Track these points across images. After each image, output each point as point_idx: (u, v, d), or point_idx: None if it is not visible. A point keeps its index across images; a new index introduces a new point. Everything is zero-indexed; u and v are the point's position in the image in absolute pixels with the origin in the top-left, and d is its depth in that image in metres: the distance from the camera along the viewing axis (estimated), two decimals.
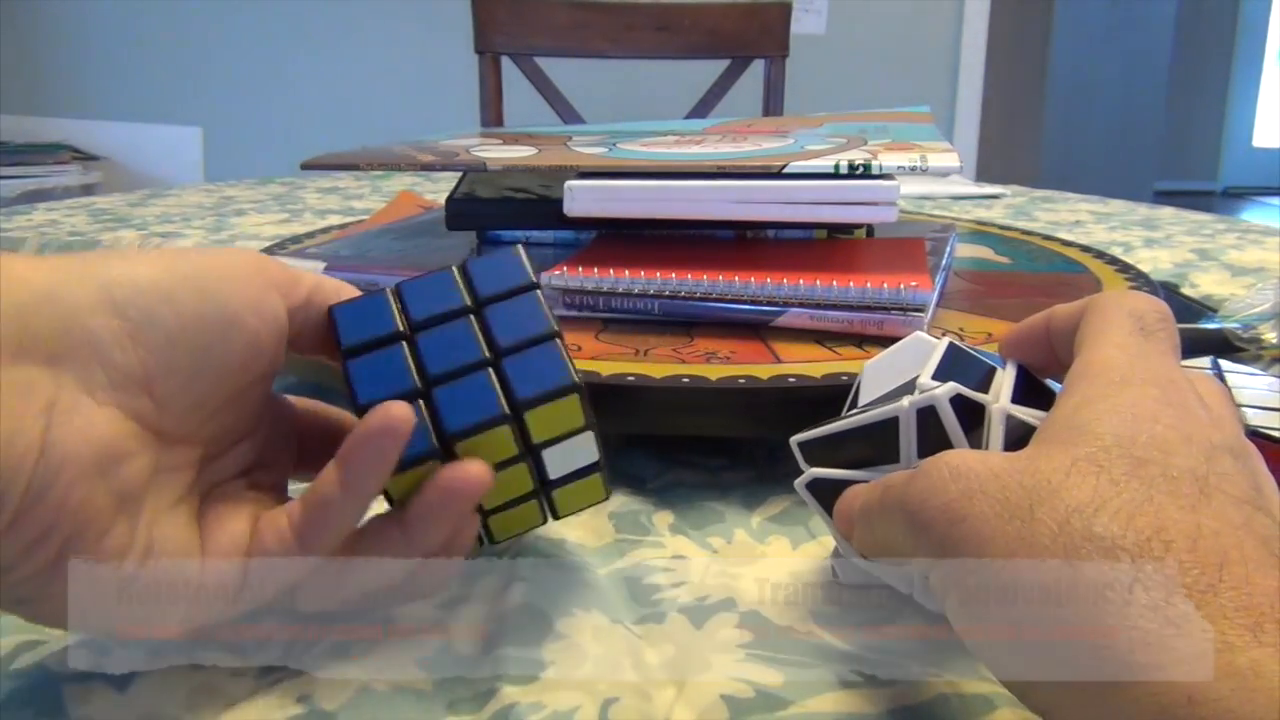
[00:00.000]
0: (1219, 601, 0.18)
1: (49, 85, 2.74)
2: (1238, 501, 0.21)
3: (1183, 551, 0.19)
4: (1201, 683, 0.17)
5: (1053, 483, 0.21)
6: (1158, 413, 0.23)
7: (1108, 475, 0.21)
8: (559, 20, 1.56)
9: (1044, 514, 0.21)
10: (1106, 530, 0.20)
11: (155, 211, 0.94)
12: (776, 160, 0.49)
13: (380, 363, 0.28)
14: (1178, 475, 0.21)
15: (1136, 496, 0.20)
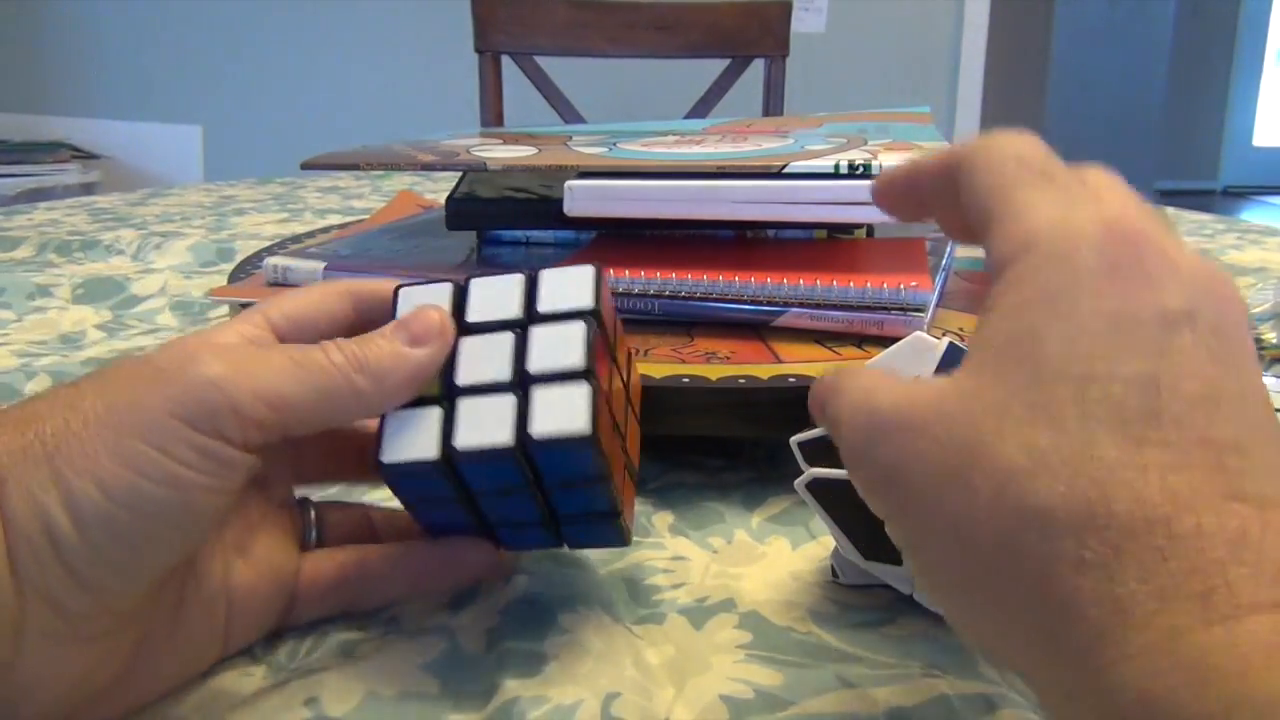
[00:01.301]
0: (1168, 570, 0.17)
1: (49, 84, 2.74)
2: (1193, 403, 0.18)
3: (1128, 513, 0.17)
4: (1154, 678, 0.16)
5: (985, 436, 0.19)
6: (1100, 294, 0.20)
7: (1045, 415, 0.19)
8: (559, 19, 1.56)
9: (979, 479, 0.19)
10: (1045, 500, 0.18)
11: (155, 211, 0.94)
12: (776, 160, 0.49)
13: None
14: (1123, 391, 0.19)
15: (1077, 444, 0.18)
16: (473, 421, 0.26)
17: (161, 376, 0.24)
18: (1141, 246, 0.21)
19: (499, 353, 0.27)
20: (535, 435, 0.26)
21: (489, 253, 0.56)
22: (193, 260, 0.75)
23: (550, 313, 0.28)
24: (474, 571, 0.30)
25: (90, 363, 0.52)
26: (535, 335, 0.27)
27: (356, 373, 0.26)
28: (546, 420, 0.26)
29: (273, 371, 0.25)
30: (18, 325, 0.60)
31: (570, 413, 0.26)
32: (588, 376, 0.26)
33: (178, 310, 0.63)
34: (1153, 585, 0.17)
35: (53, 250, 0.76)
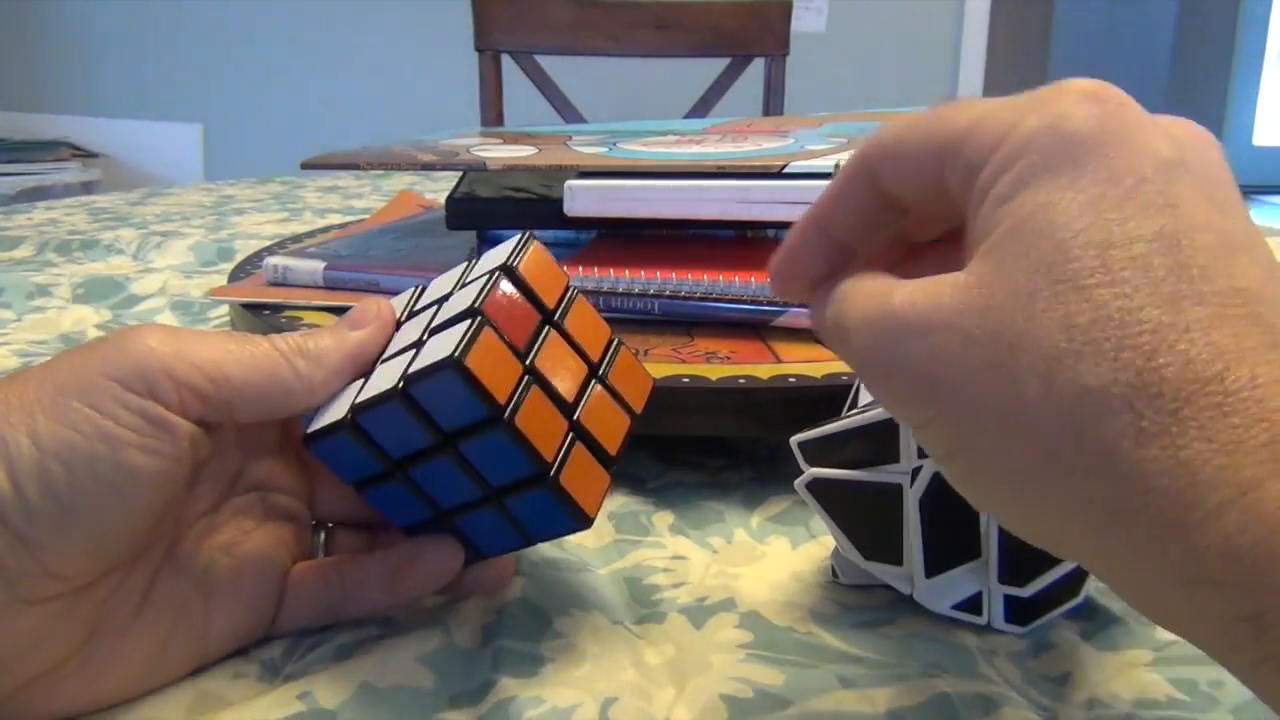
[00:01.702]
0: (1230, 425, 0.17)
1: (48, 82, 2.74)
2: (1213, 255, 0.18)
3: (1180, 376, 0.17)
4: (1235, 533, 0.16)
5: (1020, 323, 0.19)
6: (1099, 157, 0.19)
7: (1075, 290, 0.18)
8: (559, 18, 1.56)
9: (1024, 369, 0.18)
10: (1096, 379, 0.18)
11: (155, 210, 0.94)
12: (777, 160, 0.49)
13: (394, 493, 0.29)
14: (1147, 251, 0.18)
15: (1113, 313, 0.18)
16: (377, 380, 0.27)
17: (102, 345, 0.25)
18: (1121, 105, 0.20)
19: (420, 323, 0.28)
20: (410, 371, 0.26)
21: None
22: (193, 260, 0.75)
23: (470, 279, 0.29)
24: (441, 572, 0.29)
25: None
26: (450, 299, 0.28)
27: (298, 356, 0.27)
28: (425, 358, 0.26)
29: (211, 347, 0.26)
30: (17, 325, 0.60)
31: (446, 345, 0.26)
32: (472, 314, 0.26)
33: (178, 310, 0.63)
34: (1218, 443, 0.17)
35: (52, 250, 0.76)
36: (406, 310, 0.30)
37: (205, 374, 0.25)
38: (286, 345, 0.27)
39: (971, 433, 0.19)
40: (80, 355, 0.25)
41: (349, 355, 0.28)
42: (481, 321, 0.26)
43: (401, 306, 0.30)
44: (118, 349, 0.25)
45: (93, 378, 0.24)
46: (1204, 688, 0.27)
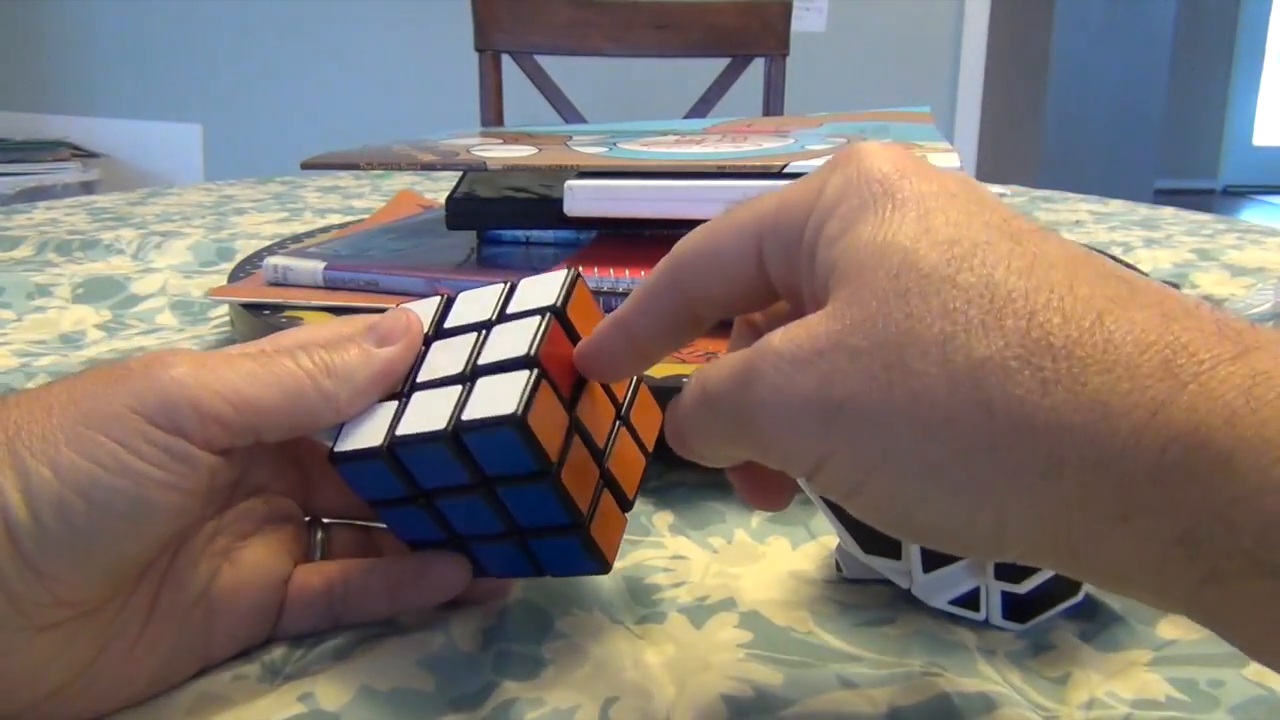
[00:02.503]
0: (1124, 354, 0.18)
1: (49, 82, 2.74)
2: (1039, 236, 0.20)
3: (1063, 325, 0.18)
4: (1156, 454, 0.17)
5: (899, 323, 0.19)
6: (897, 180, 0.21)
7: (943, 276, 0.19)
8: (559, 18, 1.56)
9: (919, 361, 0.19)
10: (989, 348, 0.18)
11: (155, 210, 0.94)
12: (777, 160, 0.49)
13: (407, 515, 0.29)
14: (988, 239, 0.20)
15: (983, 290, 0.19)
16: (419, 412, 0.27)
17: (128, 375, 0.25)
18: (908, 152, 0.22)
19: (460, 351, 0.28)
20: (465, 419, 0.26)
21: (489, 253, 0.56)
22: (193, 260, 0.75)
23: (515, 312, 0.28)
24: (448, 587, 0.29)
25: (90, 363, 0.52)
26: (496, 332, 0.28)
27: (324, 376, 0.26)
28: (480, 405, 0.26)
29: (237, 373, 0.25)
30: (17, 325, 0.60)
31: (505, 397, 0.25)
32: (530, 363, 0.26)
33: (178, 310, 0.63)
34: (1116, 372, 0.18)
35: (52, 250, 0.76)
36: (433, 325, 0.29)
37: (231, 403, 0.25)
38: (312, 363, 0.26)
39: (883, 448, 0.19)
40: (107, 383, 0.24)
41: (378, 374, 0.27)
42: (540, 375, 0.26)
43: (427, 319, 0.29)
44: (144, 380, 0.24)
45: (118, 410, 0.24)
46: (1204, 687, 0.27)
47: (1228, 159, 5.80)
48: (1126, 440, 0.17)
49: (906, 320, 0.19)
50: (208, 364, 0.25)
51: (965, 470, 0.19)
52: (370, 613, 0.29)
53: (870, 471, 0.20)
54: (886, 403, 0.19)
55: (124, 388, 0.24)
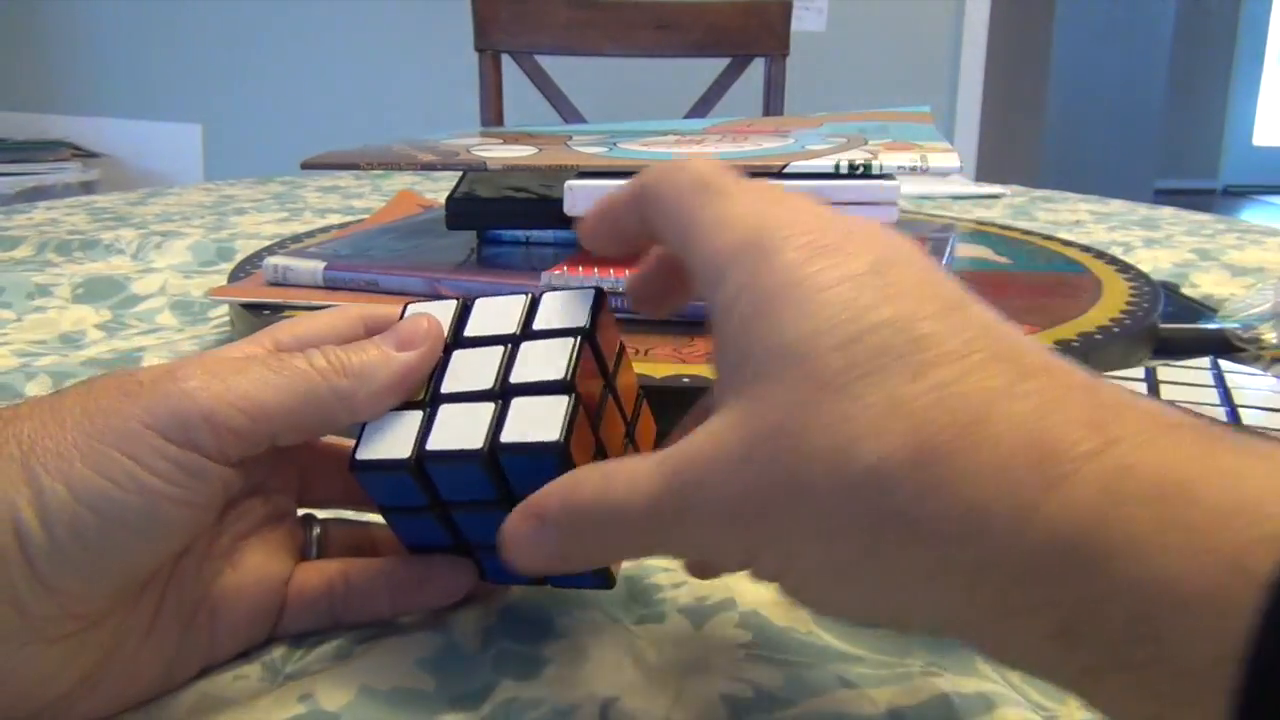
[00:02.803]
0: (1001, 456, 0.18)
1: (49, 82, 2.74)
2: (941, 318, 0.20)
3: (948, 430, 0.19)
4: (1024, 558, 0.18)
5: (796, 433, 0.20)
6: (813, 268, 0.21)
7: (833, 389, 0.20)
8: (559, 18, 1.56)
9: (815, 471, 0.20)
10: (876, 456, 0.19)
11: (155, 210, 0.94)
12: (777, 160, 0.49)
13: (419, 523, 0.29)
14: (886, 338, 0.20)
15: (874, 398, 0.19)
16: (449, 426, 0.26)
17: (141, 388, 0.24)
18: (816, 218, 0.23)
19: (487, 364, 0.27)
20: (504, 441, 0.26)
21: (489, 252, 0.56)
22: (193, 260, 0.75)
23: (543, 330, 0.28)
24: (452, 591, 0.29)
25: (90, 363, 0.52)
26: (525, 349, 0.27)
27: (340, 376, 0.26)
28: (519, 428, 0.26)
29: (250, 380, 0.25)
30: (17, 325, 0.60)
31: (545, 422, 0.25)
32: (568, 389, 0.26)
33: (178, 310, 0.63)
34: (991, 478, 0.18)
35: (52, 249, 0.76)
36: (452, 331, 0.29)
37: (246, 413, 0.25)
38: (327, 363, 0.26)
39: (791, 552, 0.21)
40: (120, 396, 0.24)
41: (396, 376, 0.27)
42: (576, 400, 0.26)
43: (445, 322, 0.29)
44: (157, 394, 0.24)
45: (132, 426, 0.24)
46: None
47: (1228, 159, 5.80)
48: (1001, 545, 0.18)
49: (804, 431, 0.20)
50: (220, 373, 0.25)
51: (863, 572, 0.20)
52: (371, 614, 0.29)
53: (786, 571, 0.21)
54: (791, 515, 0.20)
55: (138, 403, 0.24)
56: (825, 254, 0.21)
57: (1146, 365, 0.36)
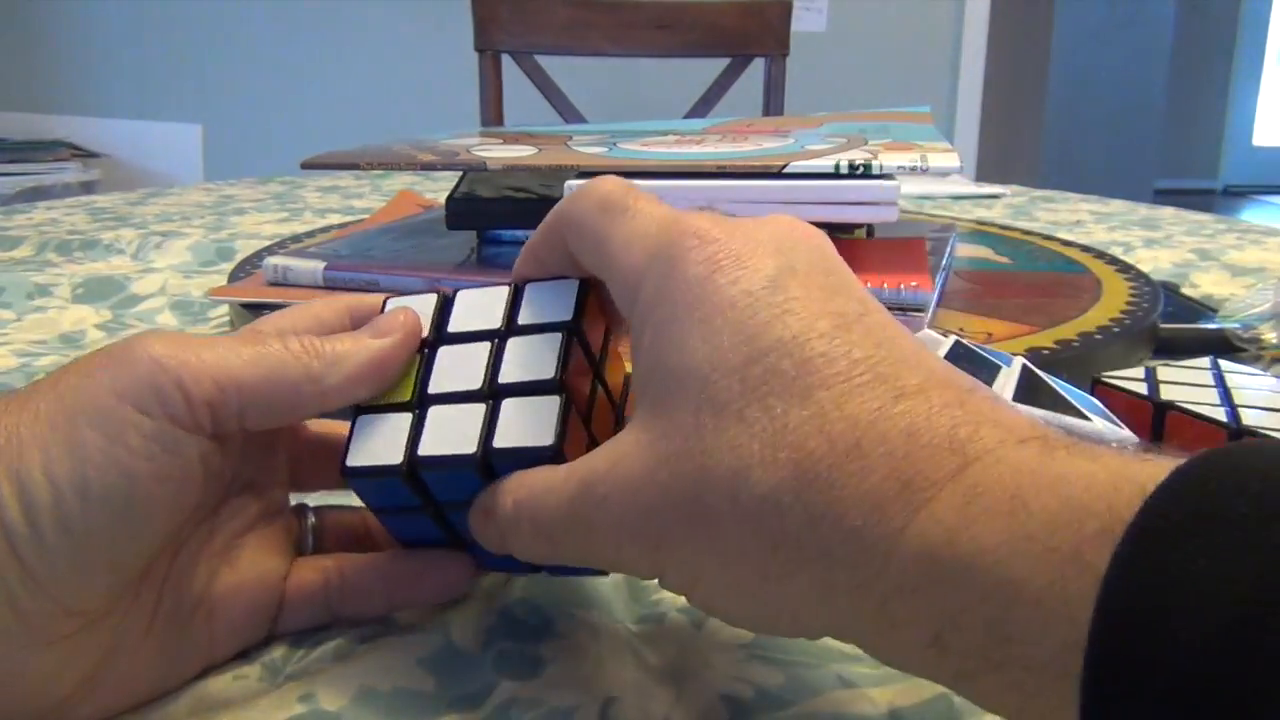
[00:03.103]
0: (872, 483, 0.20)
1: (49, 82, 2.74)
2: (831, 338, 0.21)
3: (826, 455, 0.20)
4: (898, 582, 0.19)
5: (696, 459, 0.21)
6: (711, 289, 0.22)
7: (729, 413, 0.21)
8: (559, 18, 1.56)
9: (715, 496, 0.21)
10: (767, 485, 0.20)
11: (155, 210, 0.94)
12: (777, 160, 0.49)
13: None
14: (776, 363, 0.21)
15: (765, 424, 0.21)
16: (440, 429, 0.26)
17: (109, 361, 0.24)
18: (720, 228, 0.23)
19: (473, 363, 0.27)
20: (497, 446, 0.25)
21: (489, 252, 0.56)
22: (193, 260, 0.75)
23: (529, 324, 0.27)
24: (451, 586, 0.29)
25: None
26: (511, 346, 0.27)
27: (311, 358, 0.26)
28: (511, 432, 0.25)
29: (220, 352, 0.25)
30: (17, 325, 0.60)
31: (537, 425, 0.25)
32: (557, 389, 0.26)
33: (178, 310, 0.63)
34: (868, 503, 0.19)
35: (52, 249, 0.76)
36: (434, 326, 0.28)
37: (216, 382, 0.24)
38: (300, 345, 0.26)
39: (695, 568, 0.22)
40: (87, 371, 0.24)
41: (370, 362, 0.27)
42: (567, 400, 0.26)
43: (425, 317, 0.28)
44: (125, 363, 0.24)
45: (102, 397, 0.23)
46: None
47: (1228, 159, 5.80)
48: (876, 566, 0.19)
49: (703, 457, 0.21)
50: (188, 343, 0.25)
51: (762, 591, 0.21)
52: (369, 609, 0.29)
53: (691, 587, 0.23)
54: (691, 538, 0.21)
55: (106, 374, 0.24)
56: (727, 267, 0.22)
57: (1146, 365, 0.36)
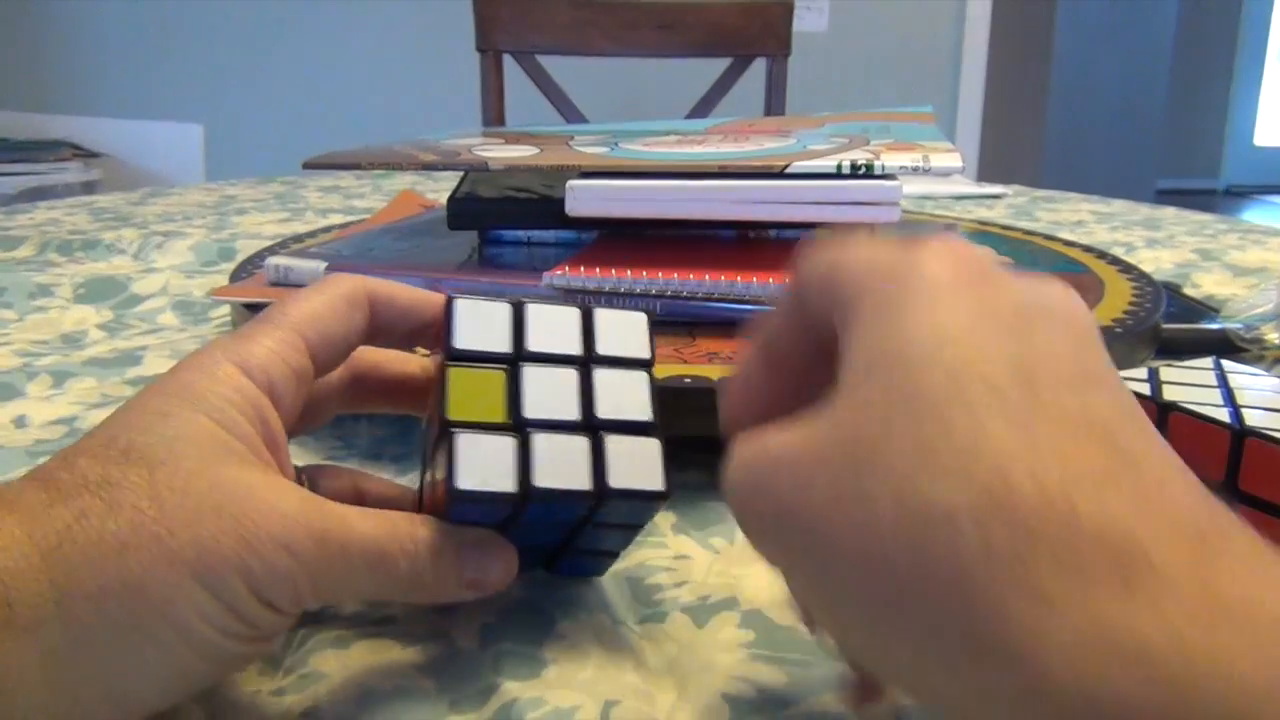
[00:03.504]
0: (1080, 547, 0.16)
1: (50, 82, 2.74)
2: (1065, 383, 0.19)
3: (1031, 495, 0.17)
4: (1093, 670, 0.15)
5: (875, 444, 0.19)
6: (954, 295, 0.20)
7: (927, 409, 0.18)
8: (561, 18, 1.56)
9: (876, 488, 0.18)
10: (945, 497, 0.17)
11: (156, 210, 0.94)
12: (778, 160, 0.49)
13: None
14: (996, 373, 0.18)
15: (965, 433, 0.18)
16: (550, 460, 0.26)
17: (229, 513, 0.23)
18: (978, 259, 0.21)
19: (564, 390, 0.28)
20: (615, 487, 0.27)
21: (490, 253, 0.56)
22: (194, 260, 0.75)
23: (610, 356, 0.29)
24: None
25: (91, 363, 0.52)
26: (600, 379, 0.28)
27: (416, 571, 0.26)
28: (624, 473, 0.27)
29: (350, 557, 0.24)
30: (19, 325, 0.60)
31: (645, 469, 0.27)
32: (656, 432, 0.28)
33: (179, 310, 0.63)
34: (1069, 565, 0.16)
35: (54, 249, 0.76)
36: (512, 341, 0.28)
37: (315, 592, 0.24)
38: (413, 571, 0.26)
39: (828, 565, 0.19)
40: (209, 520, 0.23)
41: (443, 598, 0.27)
42: (665, 443, 0.28)
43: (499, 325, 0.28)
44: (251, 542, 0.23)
45: (226, 577, 0.23)
46: None
47: (1229, 159, 5.80)
48: (1059, 645, 0.16)
49: (883, 440, 0.18)
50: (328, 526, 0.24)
51: (892, 614, 0.18)
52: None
53: (819, 587, 0.20)
54: (832, 521, 0.19)
55: (231, 535, 0.23)
56: (964, 283, 0.20)
57: (1149, 366, 0.36)
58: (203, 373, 0.25)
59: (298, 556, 0.23)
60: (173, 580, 0.22)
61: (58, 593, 0.21)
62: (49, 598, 0.21)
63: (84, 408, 0.46)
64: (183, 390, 0.25)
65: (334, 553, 0.24)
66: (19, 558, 0.21)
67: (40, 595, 0.21)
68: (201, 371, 0.26)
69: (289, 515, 0.24)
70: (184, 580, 0.22)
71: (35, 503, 0.22)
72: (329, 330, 0.28)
